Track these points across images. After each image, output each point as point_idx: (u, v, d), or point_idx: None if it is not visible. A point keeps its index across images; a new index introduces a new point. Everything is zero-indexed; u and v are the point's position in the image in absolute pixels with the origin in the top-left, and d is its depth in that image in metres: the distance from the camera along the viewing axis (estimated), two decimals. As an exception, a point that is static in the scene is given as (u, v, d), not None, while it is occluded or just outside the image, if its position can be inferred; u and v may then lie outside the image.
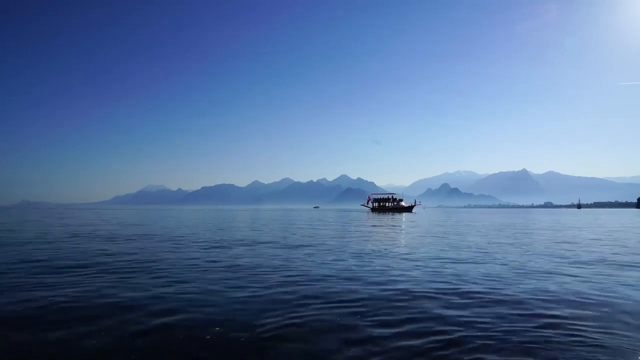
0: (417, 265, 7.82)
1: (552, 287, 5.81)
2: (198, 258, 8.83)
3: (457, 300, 5.08)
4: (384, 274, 6.90)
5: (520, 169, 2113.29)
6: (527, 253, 10.05)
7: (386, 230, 19.15)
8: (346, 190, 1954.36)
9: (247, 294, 5.29)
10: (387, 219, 35.01)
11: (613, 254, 10.07)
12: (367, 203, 74.44)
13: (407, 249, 10.76)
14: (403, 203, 70.47)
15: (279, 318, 4.22)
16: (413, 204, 71.25)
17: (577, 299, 5.14)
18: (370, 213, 57.24)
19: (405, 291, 5.51)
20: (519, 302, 4.94)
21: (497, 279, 6.49)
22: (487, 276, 6.68)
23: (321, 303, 4.86)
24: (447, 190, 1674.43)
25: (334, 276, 6.63)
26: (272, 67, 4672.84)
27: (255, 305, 4.76)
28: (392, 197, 71.42)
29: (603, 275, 6.91)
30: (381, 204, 71.62)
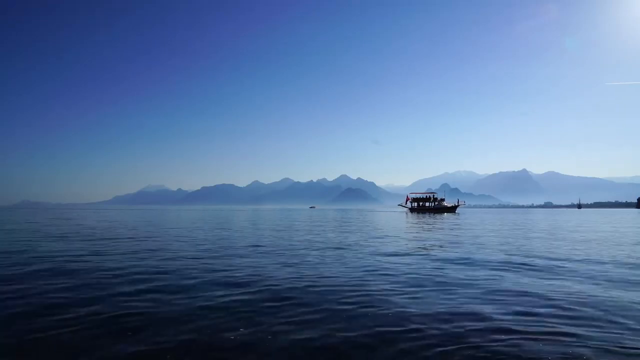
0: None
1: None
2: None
3: None
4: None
5: (520, 169, 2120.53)
6: None
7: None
8: (346, 190, 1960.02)
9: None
10: (442, 222, 30.08)
11: None
12: (406, 203, 72.20)
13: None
14: (445, 203, 67.08)
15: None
16: (456, 204, 67.38)
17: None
18: (409, 214, 55.33)
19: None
20: None
21: None
22: None
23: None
24: (447, 190, 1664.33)
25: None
26: (272, 67, 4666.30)
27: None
28: (433, 196, 68.29)
29: None
30: (420, 203, 69.09)
